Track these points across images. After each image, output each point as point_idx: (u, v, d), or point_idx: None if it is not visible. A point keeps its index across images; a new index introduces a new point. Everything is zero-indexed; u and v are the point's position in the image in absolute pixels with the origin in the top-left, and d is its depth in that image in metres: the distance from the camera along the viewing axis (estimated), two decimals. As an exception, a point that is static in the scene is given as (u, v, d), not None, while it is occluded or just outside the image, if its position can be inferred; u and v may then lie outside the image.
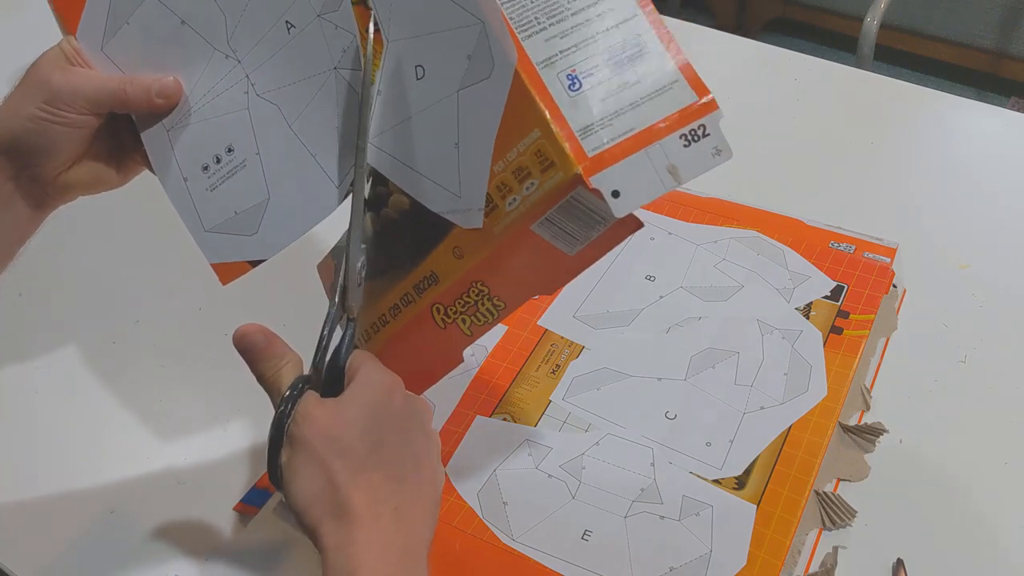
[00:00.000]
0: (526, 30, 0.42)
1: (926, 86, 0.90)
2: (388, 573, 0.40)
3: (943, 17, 1.98)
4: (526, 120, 0.41)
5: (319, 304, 0.55)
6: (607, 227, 0.43)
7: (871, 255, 0.71)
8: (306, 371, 0.46)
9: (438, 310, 0.49)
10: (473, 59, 0.43)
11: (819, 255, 0.71)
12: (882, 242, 0.72)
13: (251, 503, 0.58)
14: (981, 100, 0.92)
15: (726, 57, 0.98)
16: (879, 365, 0.65)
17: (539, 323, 0.68)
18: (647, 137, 0.42)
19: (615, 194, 0.41)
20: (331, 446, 0.41)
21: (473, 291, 0.47)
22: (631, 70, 0.42)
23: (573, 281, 0.72)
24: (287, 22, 0.49)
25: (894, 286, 0.69)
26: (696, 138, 0.42)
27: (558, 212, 0.42)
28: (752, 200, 0.77)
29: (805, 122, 0.87)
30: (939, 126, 0.87)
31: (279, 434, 0.42)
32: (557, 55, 0.42)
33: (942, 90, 0.90)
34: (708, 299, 0.68)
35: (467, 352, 0.65)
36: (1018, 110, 0.90)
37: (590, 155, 0.40)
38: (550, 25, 0.42)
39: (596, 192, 0.40)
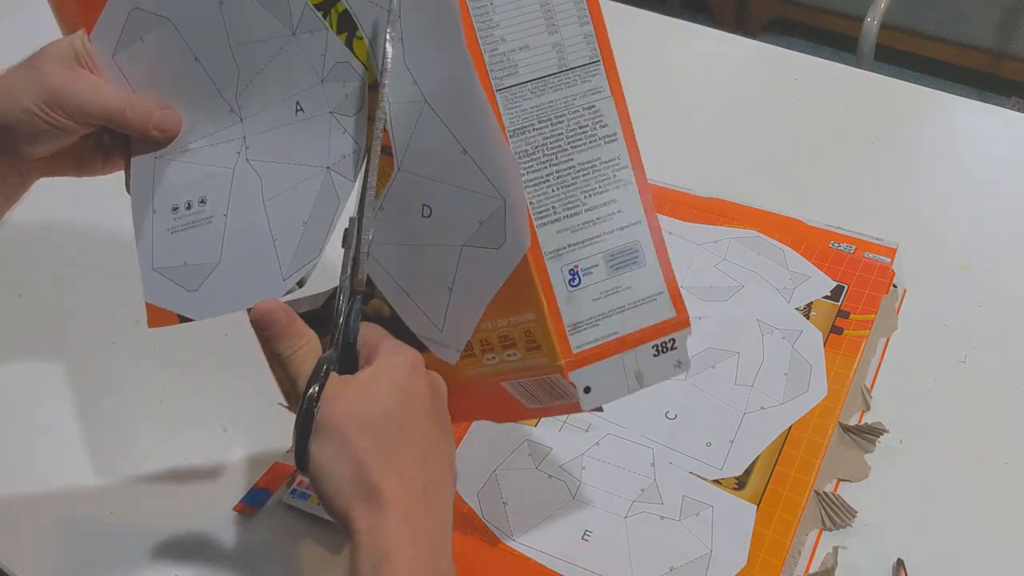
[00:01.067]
0: (542, 217, 0.44)
1: (926, 86, 0.90)
2: (419, 555, 0.40)
3: (943, 17, 1.98)
4: (524, 300, 0.43)
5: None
6: (569, 403, 0.46)
7: (871, 255, 0.71)
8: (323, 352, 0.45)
9: None
10: (485, 226, 0.44)
11: (819, 255, 0.71)
12: (882, 242, 0.72)
13: (251, 503, 0.58)
14: (981, 100, 0.92)
15: (726, 57, 0.98)
16: (879, 365, 0.65)
17: (539, 323, 0.68)
18: (625, 343, 0.45)
19: (587, 390, 0.44)
20: (360, 427, 0.41)
21: None
22: (626, 275, 0.45)
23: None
24: (298, 103, 0.49)
25: (894, 286, 0.69)
26: (665, 350, 0.46)
27: (531, 382, 0.45)
28: (752, 200, 0.77)
29: (805, 122, 0.87)
30: (939, 126, 0.87)
31: (309, 419, 0.42)
32: (565, 248, 0.44)
33: (942, 90, 0.90)
34: (708, 299, 0.68)
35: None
36: (1018, 110, 0.90)
37: (574, 352, 0.43)
38: (565, 217, 0.44)
39: (572, 384, 0.44)
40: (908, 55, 2.04)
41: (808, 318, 0.67)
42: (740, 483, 0.57)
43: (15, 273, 0.74)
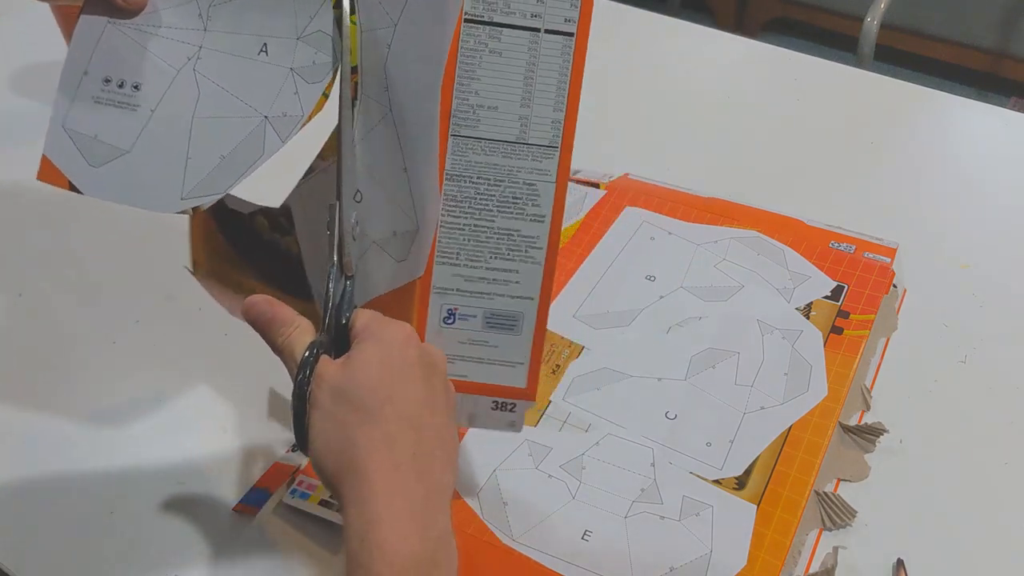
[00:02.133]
0: (444, 258, 0.48)
1: (926, 86, 0.90)
2: (409, 523, 0.40)
3: (943, 17, 1.98)
4: (401, 313, 0.47)
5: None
6: None
7: (871, 255, 0.71)
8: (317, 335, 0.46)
9: None
10: (397, 238, 0.48)
11: (819, 255, 0.71)
12: (882, 242, 0.72)
13: (251, 503, 0.58)
14: (981, 100, 0.92)
15: (726, 57, 0.98)
16: (879, 365, 0.65)
17: (539, 323, 0.68)
18: (470, 388, 0.50)
19: None
20: (344, 402, 0.41)
21: None
22: (497, 335, 0.50)
23: (573, 281, 0.73)
24: (265, 45, 0.49)
25: (894, 286, 0.69)
26: (503, 408, 0.51)
27: None
28: (752, 200, 0.77)
29: (805, 122, 0.87)
30: (939, 126, 0.87)
31: (302, 402, 0.42)
32: (453, 291, 0.49)
33: (942, 90, 0.90)
34: (708, 299, 0.68)
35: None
36: (1018, 110, 0.90)
37: None
38: (465, 266, 0.49)
39: None
40: (908, 55, 2.04)
41: (808, 318, 0.67)
42: (740, 483, 0.57)
43: (15, 273, 0.74)
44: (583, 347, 0.66)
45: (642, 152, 0.84)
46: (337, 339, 0.45)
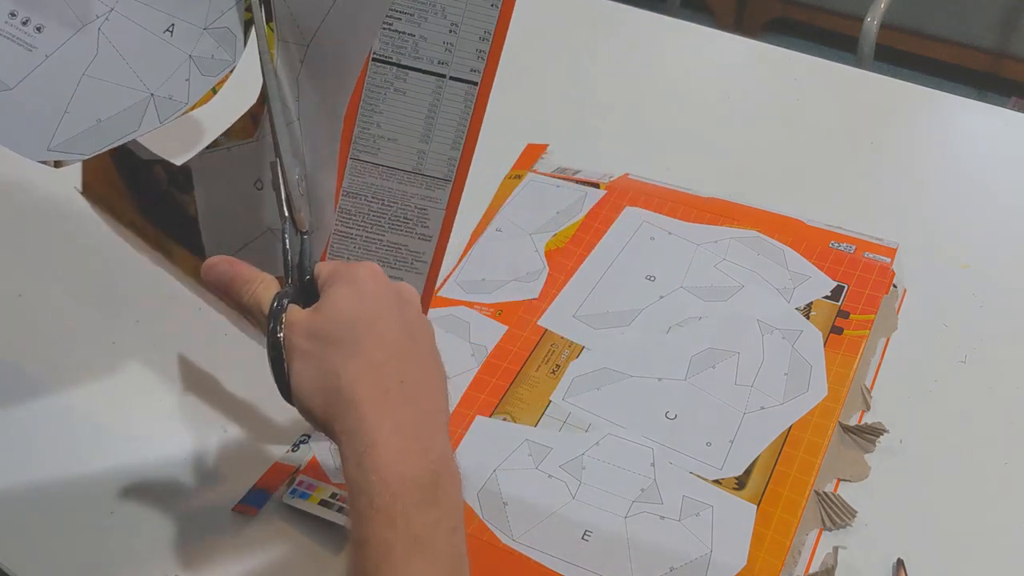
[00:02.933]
0: (334, 259, 0.52)
1: (926, 86, 0.90)
2: (405, 445, 0.39)
3: (943, 17, 1.98)
4: None
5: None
6: None
7: (871, 255, 0.71)
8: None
9: None
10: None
11: (819, 255, 0.71)
12: (882, 242, 0.72)
13: (251, 504, 0.58)
14: (981, 100, 0.92)
15: (726, 57, 0.98)
16: (879, 365, 0.65)
17: (539, 323, 0.68)
18: None
19: None
20: (322, 341, 0.41)
21: None
22: None
23: (573, 281, 0.73)
24: (173, 25, 0.50)
25: (894, 286, 0.69)
26: None
27: None
28: (752, 200, 0.77)
29: (805, 122, 0.87)
30: (939, 126, 0.87)
31: (278, 350, 0.42)
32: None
33: (942, 90, 0.90)
34: (708, 299, 0.68)
35: (467, 352, 0.66)
36: (1018, 110, 0.90)
37: None
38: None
39: None
40: (908, 55, 2.04)
41: (808, 318, 0.67)
42: (740, 483, 0.57)
43: (15, 273, 0.74)
44: (583, 347, 0.66)
45: (642, 152, 0.84)
46: (305, 294, 0.45)
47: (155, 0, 0.50)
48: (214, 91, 0.50)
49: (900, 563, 0.54)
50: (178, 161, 0.54)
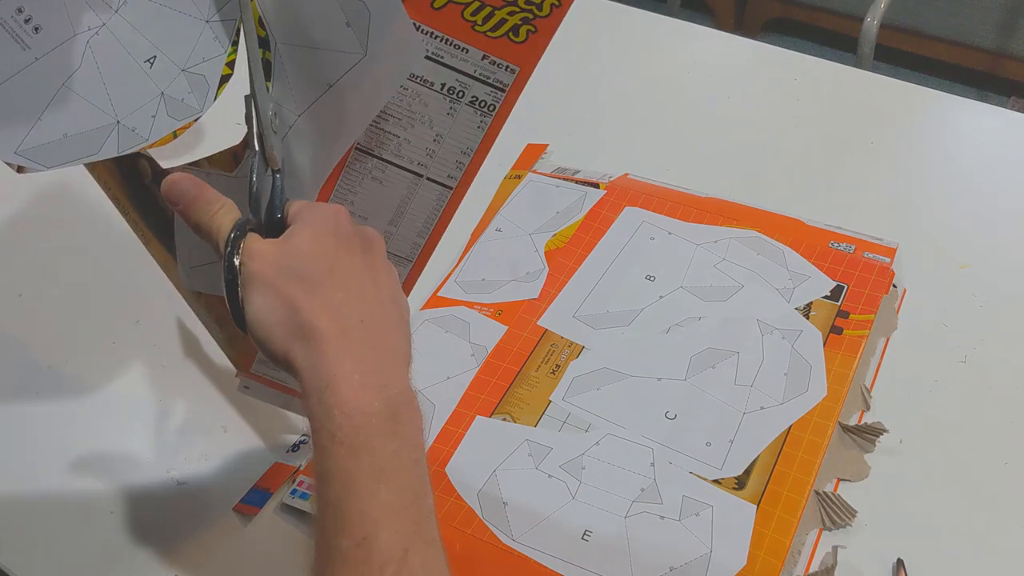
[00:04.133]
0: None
1: (926, 86, 0.90)
2: (363, 379, 0.39)
3: (943, 17, 1.98)
4: None
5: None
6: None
7: (871, 255, 0.71)
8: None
9: None
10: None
11: (819, 255, 0.71)
12: (882, 242, 0.72)
13: (251, 504, 0.58)
14: (981, 100, 0.92)
15: (726, 57, 0.98)
16: (879, 365, 0.65)
17: (539, 323, 0.68)
18: None
19: None
20: (284, 274, 0.41)
21: None
22: None
23: (573, 281, 0.72)
24: (155, 57, 0.50)
25: (894, 286, 0.69)
26: None
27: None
28: (752, 200, 0.77)
29: (805, 122, 0.87)
30: (939, 126, 0.87)
31: (234, 276, 0.42)
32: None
33: (942, 90, 0.90)
34: (708, 299, 0.68)
35: (467, 352, 0.66)
36: (1018, 110, 0.90)
37: None
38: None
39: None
40: (908, 55, 2.04)
41: (808, 318, 0.67)
42: (740, 483, 0.57)
43: (15, 273, 0.74)
44: (583, 347, 0.66)
45: (642, 152, 0.84)
46: (273, 231, 0.45)
47: (144, 27, 0.50)
48: (175, 135, 0.50)
49: (900, 563, 0.54)
50: (165, 164, 0.54)
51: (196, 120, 0.50)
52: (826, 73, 0.93)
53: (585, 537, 0.55)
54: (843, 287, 0.68)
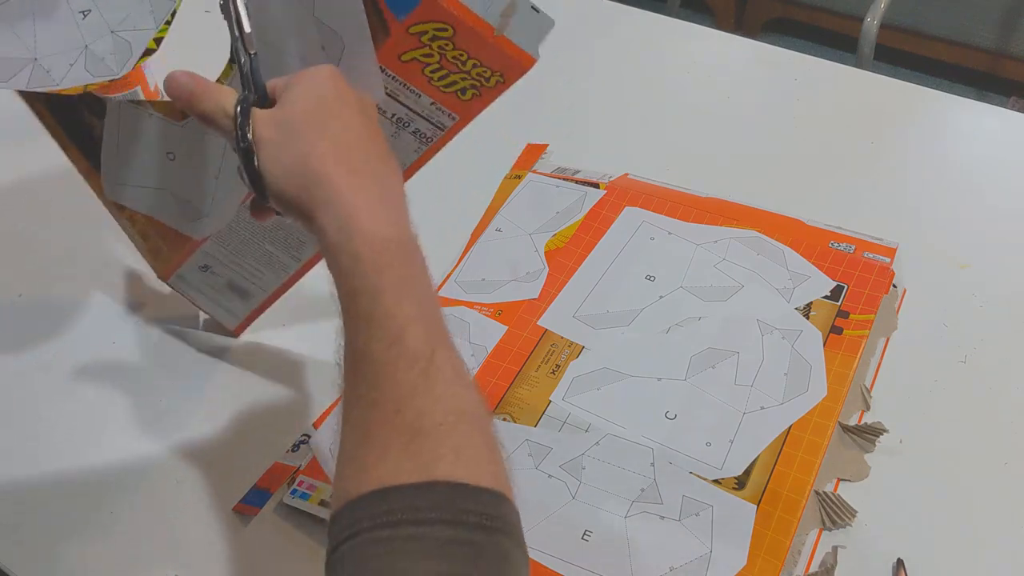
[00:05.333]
0: (218, 240, 0.62)
1: (926, 86, 0.90)
2: (379, 213, 0.42)
3: (943, 17, 1.97)
4: (174, 254, 0.65)
5: (317, 311, 0.55)
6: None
7: (871, 255, 0.71)
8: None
9: None
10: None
11: (819, 255, 0.71)
12: (882, 242, 0.72)
13: (251, 503, 0.58)
14: (981, 100, 0.92)
15: (726, 57, 0.98)
16: (879, 365, 0.65)
17: (539, 323, 0.68)
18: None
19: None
20: (287, 130, 0.43)
21: None
22: (229, 295, 0.66)
23: (573, 281, 0.72)
24: (89, 10, 0.52)
25: (894, 286, 0.69)
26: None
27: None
28: (752, 200, 0.77)
29: (805, 122, 0.87)
30: (939, 126, 0.87)
31: (248, 145, 0.44)
32: (213, 261, 0.64)
33: (942, 90, 0.90)
34: (708, 299, 0.68)
35: (467, 353, 0.66)
36: (1018, 110, 0.90)
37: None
38: (230, 256, 0.63)
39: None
40: (908, 55, 2.04)
41: (808, 318, 0.67)
42: (740, 483, 0.57)
43: (15, 273, 0.74)
44: (583, 347, 0.66)
45: (642, 152, 0.84)
46: (261, 103, 0.46)
47: None
48: (84, 88, 0.51)
49: (900, 563, 0.54)
50: None
51: (108, 82, 0.51)
52: (826, 73, 0.93)
53: (585, 537, 0.55)
54: (843, 287, 0.68)
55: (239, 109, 0.45)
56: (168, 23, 0.54)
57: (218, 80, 0.54)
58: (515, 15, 0.49)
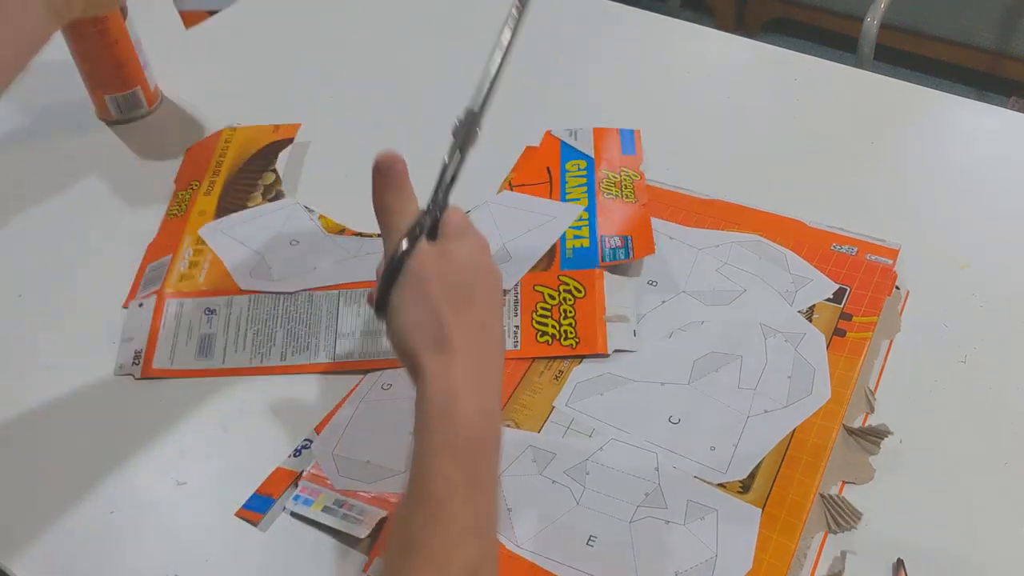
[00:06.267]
0: None
1: (926, 86, 0.90)
2: (478, 405, 0.45)
3: (943, 17, 1.98)
4: None
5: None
6: None
7: (873, 257, 0.71)
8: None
9: None
10: None
11: (821, 258, 0.71)
12: (884, 243, 0.72)
13: (253, 509, 0.58)
14: (981, 100, 0.92)
15: (726, 57, 0.98)
16: (883, 367, 0.65)
17: (541, 326, 0.68)
18: None
19: None
20: (440, 283, 0.46)
21: None
22: None
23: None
24: None
25: (897, 288, 0.69)
26: None
27: None
28: (752, 201, 0.76)
29: (805, 122, 0.87)
30: (939, 126, 0.87)
31: (398, 266, 0.47)
32: None
33: (942, 90, 0.90)
34: (711, 303, 0.68)
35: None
36: (1018, 110, 0.89)
37: None
38: None
39: None
40: (908, 55, 2.04)
41: (811, 321, 0.67)
42: (744, 487, 0.57)
43: (15, 273, 0.74)
44: (586, 350, 0.66)
45: (642, 152, 0.84)
46: (432, 226, 0.49)
47: None
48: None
49: (900, 563, 0.54)
50: None
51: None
52: (826, 73, 0.93)
53: (590, 543, 0.55)
54: (846, 289, 0.68)
55: (416, 230, 0.48)
56: None
57: None
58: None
